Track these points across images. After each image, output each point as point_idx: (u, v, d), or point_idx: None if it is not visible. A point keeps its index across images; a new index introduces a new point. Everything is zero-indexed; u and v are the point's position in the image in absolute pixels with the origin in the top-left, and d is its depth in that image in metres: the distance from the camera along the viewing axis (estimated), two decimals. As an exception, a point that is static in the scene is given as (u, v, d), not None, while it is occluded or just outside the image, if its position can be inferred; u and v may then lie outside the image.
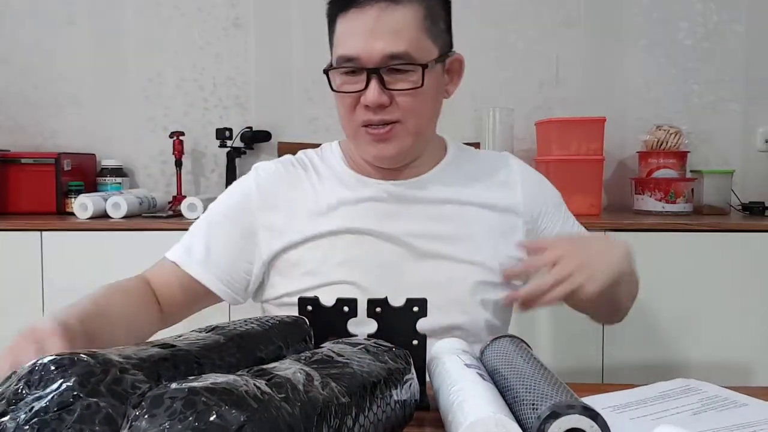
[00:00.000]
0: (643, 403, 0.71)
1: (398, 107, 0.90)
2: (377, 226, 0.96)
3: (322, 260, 0.95)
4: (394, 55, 0.88)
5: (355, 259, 0.95)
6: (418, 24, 0.89)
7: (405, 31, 0.88)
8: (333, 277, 0.95)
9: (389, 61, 0.88)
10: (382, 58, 0.88)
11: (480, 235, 0.98)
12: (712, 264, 1.65)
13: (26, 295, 1.76)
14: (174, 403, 0.41)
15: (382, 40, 0.87)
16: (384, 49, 0.87)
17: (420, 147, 0.98)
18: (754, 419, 0.65)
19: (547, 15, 2.16)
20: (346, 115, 0.94)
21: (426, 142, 0.99)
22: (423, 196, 0.98)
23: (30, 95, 2.27)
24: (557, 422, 0.52)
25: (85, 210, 1.86)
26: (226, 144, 2.11)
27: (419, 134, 0.95)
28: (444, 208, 0.98)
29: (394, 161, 0.97)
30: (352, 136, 0.96)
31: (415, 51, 0.89)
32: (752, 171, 2.12)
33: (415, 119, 0.92)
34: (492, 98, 2.12)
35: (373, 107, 0.89)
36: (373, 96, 0.88)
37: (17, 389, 0.44)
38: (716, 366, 1.65)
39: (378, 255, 0.95)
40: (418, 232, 0.96)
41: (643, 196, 1.91)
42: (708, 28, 2.12)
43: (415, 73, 0.89)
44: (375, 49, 0.87)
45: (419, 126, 0.94)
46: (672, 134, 1.94)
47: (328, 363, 0.56)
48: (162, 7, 2.24)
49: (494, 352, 0.73)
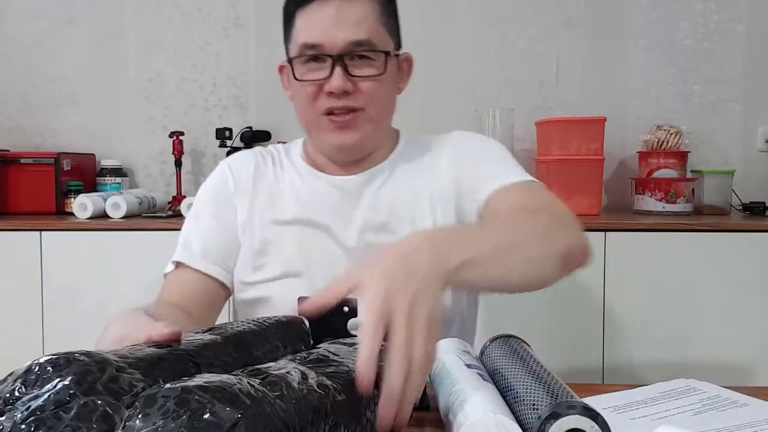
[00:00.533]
0: (643, 404, 0.71)
1: (361, 94, 0.93)
2: (326, 220, 0.98)
3: (276, 250, 0.98)
4: (357, 41, 0.91)
5: (305, 251, 0.98)
6: (376, 16, 0.93)
7: (365, 22, 0.92)
8: (284, 268, 0.97)
9: (353, 47, 0.91)
10: (346, 44, 0.90)
11: (426, 224, 0.98)
12: (712, 264, 1.65)
13: (26, 295, 1.75)
14: (167, 402, 0.41)
15: (345, 29, 0.90)
16: (347, 36, 0.90)
17: (378, 138, 1.00)
18: (755, 419, 0.65)
19: (547, 15, 2.16)
20: (308, 104, 0.95)
21: (384, 134, 1.02)
22: (371, 189, 1.00)
23: (30, 95, 2.27)
24: (558, 422, 0.52)
25: (85, 210, 1.86)
26: (226, 144, 2.11)
27: (380, 124, 0.98)
28: (391, 200, 0.99)
29: (355, 150, 0.98)
30: (314, 125, 0.97)
31: (376, 39, 0.92)
32: (753, 171, 2.11)
33: (377, 107, 0.95)
34: (492, 98, 2.12)
35: (338, 93, 0.91)
36: (337, 82, 0.90)
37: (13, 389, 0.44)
38: (716, 366, 1.64)
39: (326, 248, 0.98)
40: (365, 226, 0.98)
41: (644, 196, 1.91)
42: (708, 28, 2.12)
43: (377, 61, 0.93)
44: (338, 36, 0.90)
45: (380, 114, 0.97)
46: (672, 134, 1.93)
47: (323, 362, 0.55)
48: (162, 7, 2.24)
49: (494, 352, 0.73)
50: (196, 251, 0.99)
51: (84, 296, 1.74)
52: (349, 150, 0.98)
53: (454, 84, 2.18)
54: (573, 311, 1.67)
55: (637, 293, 1.66)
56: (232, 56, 2.23)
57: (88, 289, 1.75)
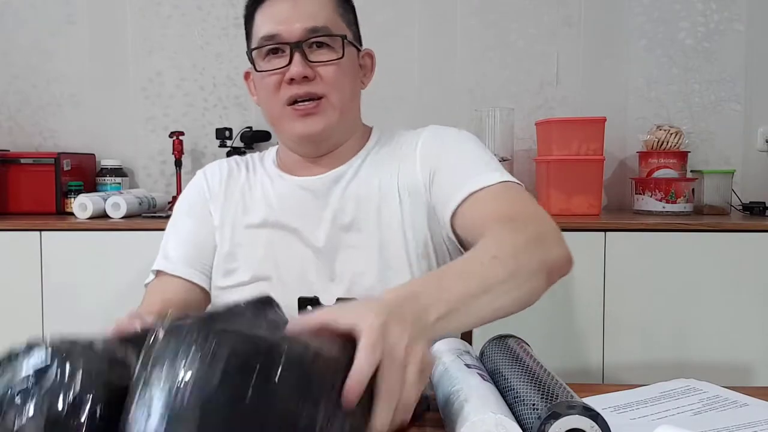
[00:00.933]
0: (643, 404, 0.71)
1: (322, 80, 0.94)
2: (294, 222, 0.98)
3: (246, 254, 0.99)
4: (313, 28, 0.93)
5: (274, 254, 0.98)
6: (332, 7, 0.96)
7: (321, 11, 0.94)
8: (254, 272, 0.98)
9: (310, 34, 0.93)
10: (303, 31, 0.92)
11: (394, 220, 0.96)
12: (712, 264, 1.65)
13: (25, 295, 1.75)
14: (191, 331, 0.41)
15: (301, 19, 0.93)
16: (303, 24, 0.92)
17: (344, 129, 0.99)
18: (755, 419, 0.65)
19: (547, 15, 2.16)
20: (271, 95, 0.96)
21: (349, 126, 1.01)
22: (339, 187, 0.99)
23: (30, 95, 2.27)
24: (558, 422, 0.52)
25: (85, 210, 1.86)
26: (226, 144, 2.11)
27: (343, 112, 0.97)
28: (358, 196, 0.98)
29: (321, 138, 0.98)
30: (278, 118, 0.98)
31: (332, 26, 0.94)
32: (753, 171, 2.11)
33: (339, 93, 0.95)
34: (492, 98, 2.12)
35: (299, 80, 0.92)
36: (297, 68, 0.92)
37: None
38: (716, 366, 1.64)
39: (295, 250, 0.97)
40: (334, 225, 0.97)
41: (644, 196, 1.90)
42: (709, 28, 2.12)
43: (335, 46, 0.94)
44: (295, 25, 0.92)
45: (343, 101, 0.96)
46: (672, 134, 1.93)
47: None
48: (162, 6, 2.24)
49: (494, 352, 0.73)
50: (176, 258, 1.00)
51: (84, 296, 1.74)
52: (314, 139, 0.97)
53: (454, 84, 2.18)
54: (573, 311, 1.67)
55: (637, 293, 1.65)
56: (232, 56, 2.23)
57: (88, 289, 1.75)
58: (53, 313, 1.76)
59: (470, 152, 0.96)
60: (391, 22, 2.17)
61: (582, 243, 1.65)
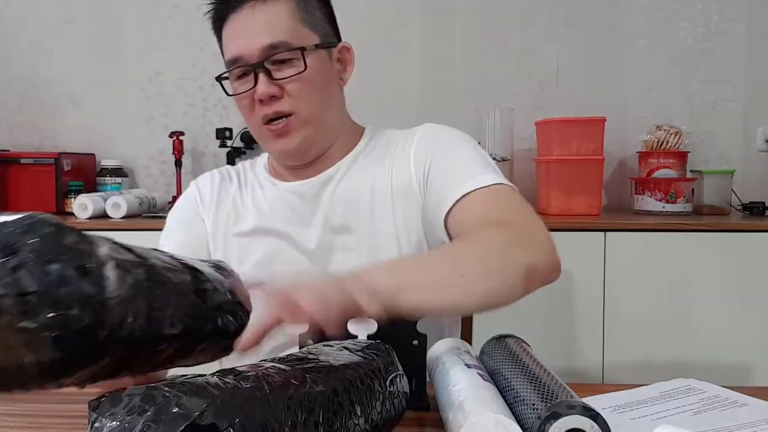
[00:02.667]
0: (643, 403, 0.71)
1: (289, 97, 0.92)
2: (285, 227, 0.98)
3: (238, 263, 0.98)
4: (272, 45, 0.91)
5: (266, 261, 0.98)
6: (291, 14, 0.93)
7: (278, 23, 0.92)
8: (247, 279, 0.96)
9: (270, 51, 0.91)
10: (262, 50, 0.91)
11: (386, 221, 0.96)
12: (712, 264, 1.65)
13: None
14: (132, 399, 0.41)
15: (260, 35, 0.91)
16: (262, 41, 0.91)
17: (325, 137, 0.98)
18: (755, 419, 0.65)
19: (547, 15, 2.16)
20: (248, 117, 0.97)
21: (329, 131, 0.99)
22: (329, 189, 0.99)
23: (30, 95, 2.27)
24: (557, 422, 0.52)
25: (85, 210, 1.86)
26: (226, 144, 2.11)
27: (318, 122, 0.96)
28: (349, 197, 0.97)
29: (300, 153, 0.97)
30: (258, 136, 0.99)
31: (293, 39, 0.92)
32: (752, 171, 2.12)
33: (308, 106, 0.94)
34: (492, 98, 2.12)
35: (266, 100, 0.92)
36: (262, 89, 0.91)
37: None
38: (716, 366, 1.64)
39: (288, 255, 0.97)
40: (325, 227, 0.97)
41: (643, 196, 1.91)
42: (709, 28, 2.12)
43: (297, 60, 0.92)
44: (254, 44, 0.91)
45: (314, 113, 0.95)
46: (672, 134, 1.94)
47: (301, 360, 0.55)
48: (162, 6, 2.24)
49: (494, 352, 0.73)
50: None
51: (84, 296, 1.74)
52: (293, 155, 0.98)
53: (454, 84, 2.18)
54: (573, 311, 1.67)
55: (637, 293, 1.66)
56: (232, 56, 2.23)
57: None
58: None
59: (465, 153, 0.96)
60: (391, 22, 2.17)
61: (582, 243, 1.65)
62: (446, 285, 0.73)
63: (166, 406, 0.40)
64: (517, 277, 0.75)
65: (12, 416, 0.70)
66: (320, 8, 0.98)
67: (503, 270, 0.75)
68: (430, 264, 0.78)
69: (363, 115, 1.08)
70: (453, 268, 0.74)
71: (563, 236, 1.72)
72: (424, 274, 0.73)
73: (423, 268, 0.76)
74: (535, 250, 0.79)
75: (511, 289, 0.75)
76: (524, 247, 0.78)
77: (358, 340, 0.66)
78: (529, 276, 0.76)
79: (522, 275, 0.75)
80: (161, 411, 0.40)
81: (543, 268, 0.78)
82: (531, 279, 0.76)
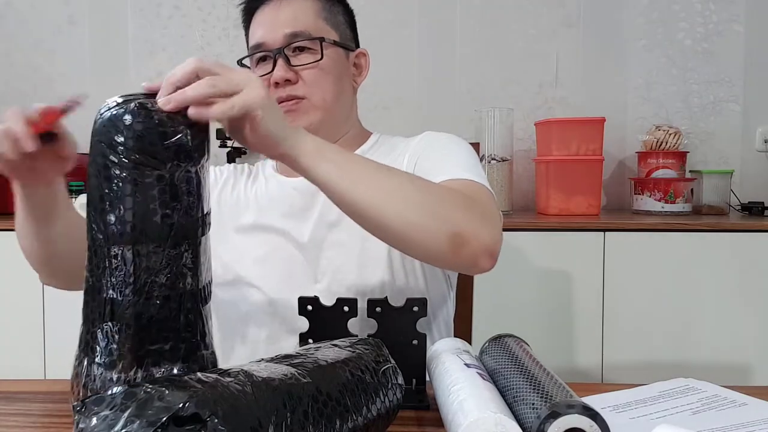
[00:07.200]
0: (642, 403, 0.71)
1: (304, 83, 0.97)
2: (282, 222, 1.00)
3: (238, 257, 1.00)
4: (294, 33, 0.97)
5: (261, 256, 0.99)
6: (315, 12, 0.99)
7: (303, 17, 0.98)
8: (245, 273, 0.99)
9: (290, 39, 0.97)
10: (284, 37, 0.97)
11: None
12: (711, 264, 1.65)
13: (26, 295, 1.75)
14: (114, 398, 0.42)
15: (283, 25, 0.97)
16: (284, 30, 0.97)
17: (331, 128, 1.00)
18: (754, 419, 0.65)
19: (546, 15, 2.16)
20: None
21: (337, 124, 1.02)
22: None
23: (30, 95, 2.27)
24: (557, 422, 0.52)
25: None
26: (227, 144, 2.11)
27: (327, 111, 0.99)
28: None
29: None
30: None
31: (314, 30, 0.97)
32: (751, 171, 2.12)
33: (320, 93, 0.98)
34: (492, 98, 2.13)
35: (282, 83, 0.96)
36: (278, 72, 0.96)
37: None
38: (716, 366, 1.65)
39: (284, 251, 0.99)
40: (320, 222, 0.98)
41: (643, 196, 1.91)
42: (708, 28, 2.12)
43: (315, 50, 0.97)
44: (277, 33, 0.97)
45: (325, 101, 0.98)
46: (671, 134, 1.94)
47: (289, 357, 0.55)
48: (162, 7, 2.24)
49: (494, 351, 0.73)
50: None
51: (84, 296, 1.74)
52: None
53: (454, 84, 2.18)
54: (572, 310, 1.67)
55: (636, 293, 1.66)
56: (233, 57, 2.21)
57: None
58: (54, 312, 1.76)
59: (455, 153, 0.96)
60: (391, 23, 2.18)
61: (581, 243, 1.65)
62: (369, 184, 0.71)
63: (148, 401, 0.41)
64: (443, 231, 0.72)
65: (12, 416, 0.71)
66: (343, 14, 1.04)
67: (434, 215, 0.73)
68: (372, 164, 0.74)
69: (363, 115, 1.09)
70: (387, 179, 0.73)
71: (563, 236, 1.73)
72: (357, 166, 0.72)
73: (361, 161, 0.74)
74: (477, 223, 0.75)
75: (433, 237, 0.72)
76: (469, 213, 0.76)
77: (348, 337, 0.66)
78: (457, 239, 0.73)
79: (450, 232, 0.72)
80: (143, 406, 0.41)
81: (475, 244, 0.74)
82: (458, 243, 0.73)
